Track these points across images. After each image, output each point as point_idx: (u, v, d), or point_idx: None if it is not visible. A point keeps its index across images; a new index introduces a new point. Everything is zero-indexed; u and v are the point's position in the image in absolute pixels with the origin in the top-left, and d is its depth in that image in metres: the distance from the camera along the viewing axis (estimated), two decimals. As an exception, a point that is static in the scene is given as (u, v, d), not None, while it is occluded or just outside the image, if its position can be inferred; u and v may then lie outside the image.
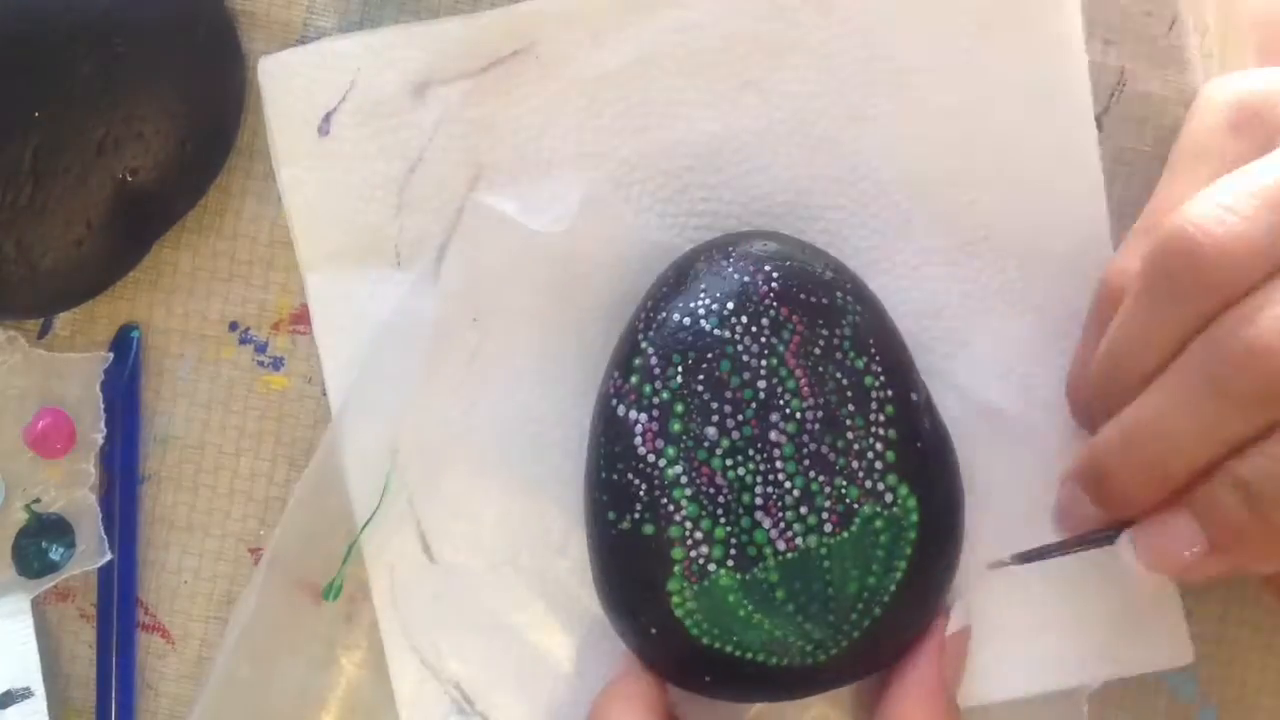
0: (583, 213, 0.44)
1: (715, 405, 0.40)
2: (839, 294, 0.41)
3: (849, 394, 0.40)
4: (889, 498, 0.40)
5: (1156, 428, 0.36)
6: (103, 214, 0.43)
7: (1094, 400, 0.39)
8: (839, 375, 0.40)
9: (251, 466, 0.46)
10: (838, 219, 0.45)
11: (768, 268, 0.41)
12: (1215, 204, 0.35)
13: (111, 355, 0.45)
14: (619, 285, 0.44)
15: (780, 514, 0.40)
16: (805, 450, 0.40)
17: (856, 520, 0.40)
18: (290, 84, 0.45)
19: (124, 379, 0.46)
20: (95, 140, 0.42)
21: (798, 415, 0.40)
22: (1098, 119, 0.45)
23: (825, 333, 0.40)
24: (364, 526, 0.45)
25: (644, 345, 0.41)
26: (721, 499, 0.40)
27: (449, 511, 0.45)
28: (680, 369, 0.40)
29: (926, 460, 0.41)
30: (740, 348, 0.40)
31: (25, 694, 0.44)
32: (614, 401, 0.41)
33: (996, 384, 0.45)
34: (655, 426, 0.40)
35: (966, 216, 0.45)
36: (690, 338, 0.40)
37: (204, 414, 0.46)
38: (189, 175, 0.44)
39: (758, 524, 0.40)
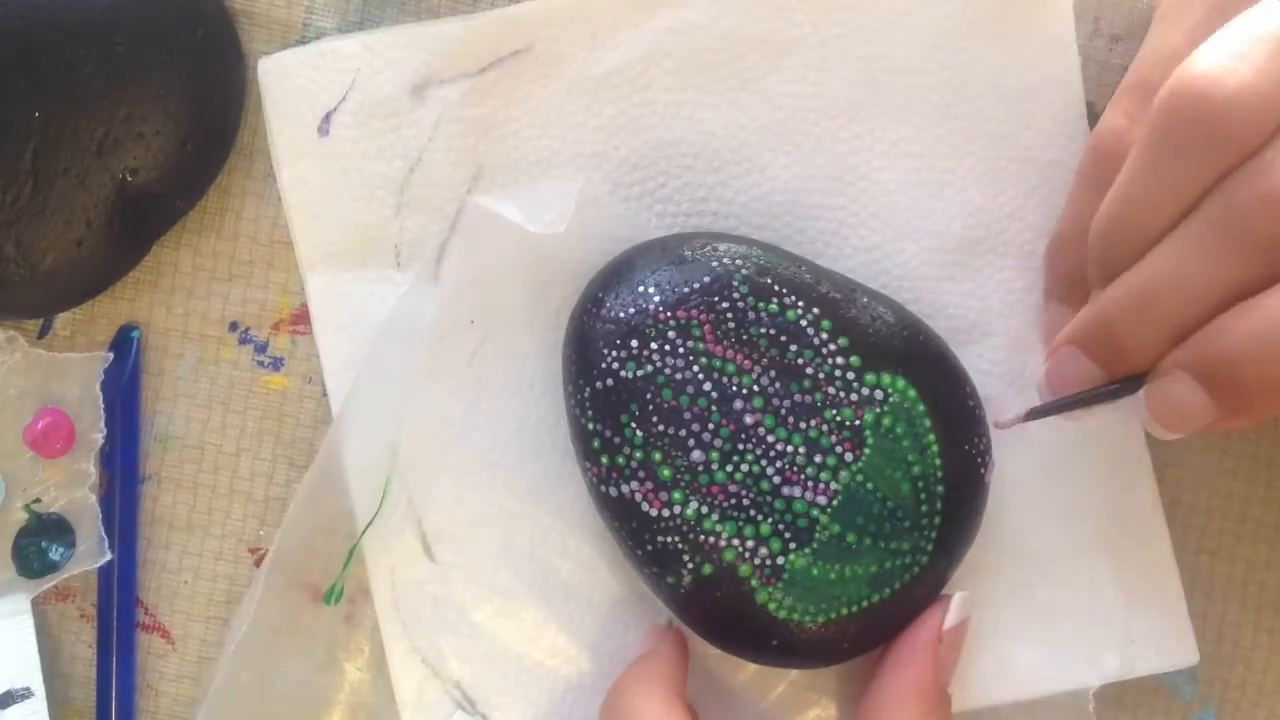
0: (581, 213, 0.44)
1: (683, 432, 0.40)
2: (717, 263, 0.41)
3: (783, 338, 0.41)
4: (880, 394, 0.40)
5: (1172, 280, 0.35)
6: (103, 214, 0.43)
7: (1092, 262, 0.38)
8: (763, 330, 0.41)
9: (251, 466, 0.46)
10: (837, 218, 0.45)
11: (640, 288, 0.41)
12: (1223, 55, 0.34)
13: (111, 355, 0.45)
14: (618, 285, 0.44)
15: (801, 476, 0.40)
16: (783, 411, 0.40)
17: (867, 432, 0.40)
18: (290, 84, 0.45)
19: (124, 379, 0.46)
20: (95, 140, 0.42)
21: (754, 388, 0.40)
22: (1100, 117, 0.45)
23: (725, 305, 0.41)
24: (365, 529, 0.45)
25: (590, 426, 0.41)
26: (746, 500, 0.40)
27: (449, 512, 0.45)
28: (633, 424, 0.40)
29: (893, 341, 0.41)
30: (667, 371, 0.40)
31: (25, 694, 0.44)
32: (603, 488, 0.41)
33: (997, 382, 0.45)
34: (650, 485, 0.40)
35: (966, 216, 0.45)
36: (623, 393, 0.41)
37: (204, 414, 0.46)
38: (189, 175, 0.44)
39: (790, 498, 0.40)
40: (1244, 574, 0.46)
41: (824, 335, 0.41)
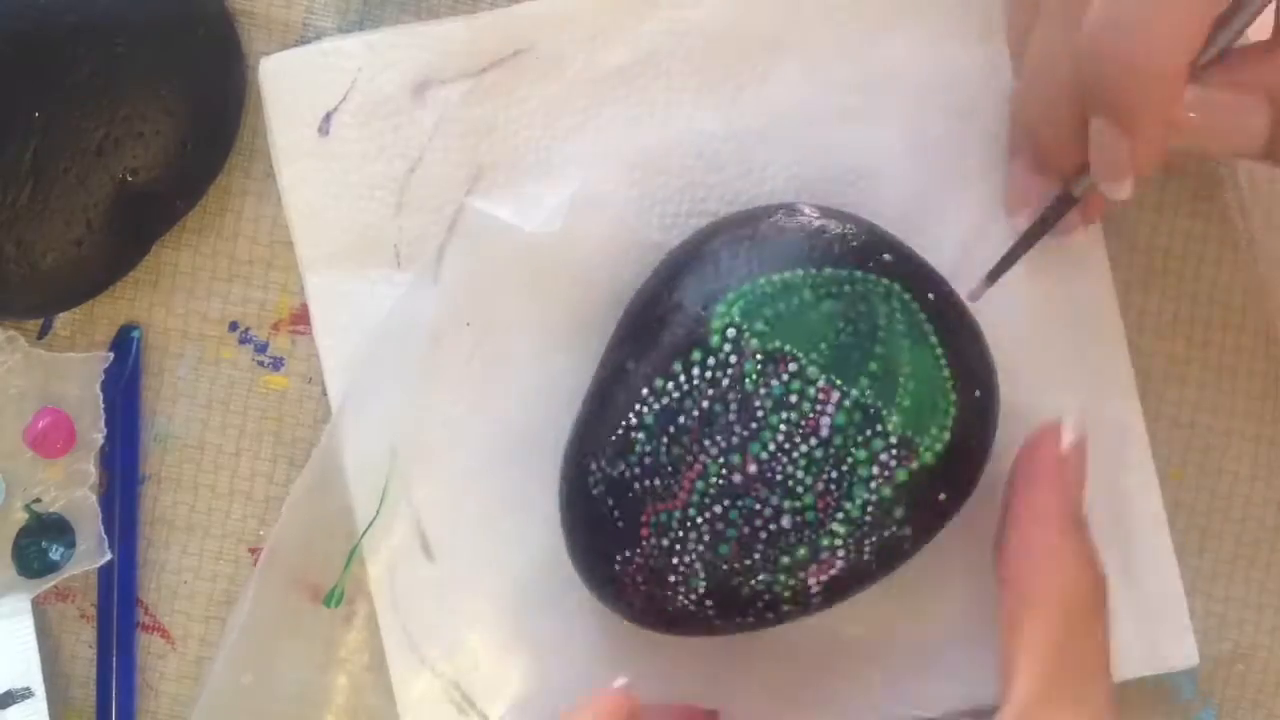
0: (582, 213, 0.44)
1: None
2: None
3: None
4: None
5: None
6: (103, 214, 0.43)
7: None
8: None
9: (251, 466, 0.46)
10: (837, 218, 0.45)
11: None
12: None
13: (111, 355, 0.45)
14: (618, 285, 0.44)
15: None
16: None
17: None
18: (290, 84, 0.45)
19: (124, 379, 0.46)
20: (95, 140, 0.42)
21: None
22: (1097, 118, 0.45)
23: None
24: (365, 530, 0.45)
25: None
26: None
27: (449, 512, 0.45)
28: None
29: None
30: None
31: (25, 694, 0.44)
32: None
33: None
34: None
35: (967, 216, 0.45)
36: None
37: (204, 414, 0.46)
38: (189, 175, 0.44)
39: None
40: (1244, 574, 0.46)
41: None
